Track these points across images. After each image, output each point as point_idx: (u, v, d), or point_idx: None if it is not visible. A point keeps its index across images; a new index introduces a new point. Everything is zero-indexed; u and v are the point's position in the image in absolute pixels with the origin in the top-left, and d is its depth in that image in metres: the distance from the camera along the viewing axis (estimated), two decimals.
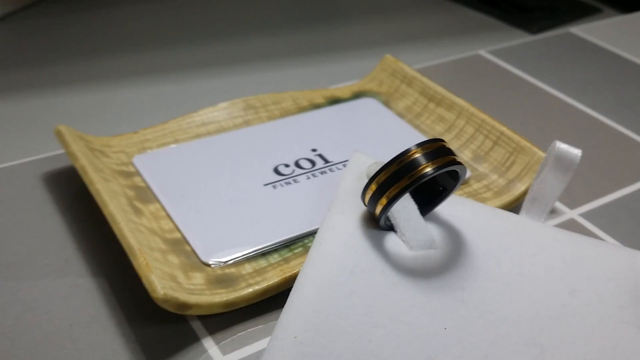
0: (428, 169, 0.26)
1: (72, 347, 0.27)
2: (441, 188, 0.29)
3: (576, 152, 0.32)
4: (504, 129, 0.37)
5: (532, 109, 0.46)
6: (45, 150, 0.39)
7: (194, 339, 0.28)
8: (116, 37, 0.51)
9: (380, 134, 0.39)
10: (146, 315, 0.29)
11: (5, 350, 0.27)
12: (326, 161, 0.37)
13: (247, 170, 0.36)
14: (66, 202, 0.35)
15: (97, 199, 0.31)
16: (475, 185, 0.36)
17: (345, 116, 0.41)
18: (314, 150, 0.38)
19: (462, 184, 0.36)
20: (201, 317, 0.29)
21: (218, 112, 0.40)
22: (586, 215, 0.36)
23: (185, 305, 0.26)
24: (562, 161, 0.32)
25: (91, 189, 0.31)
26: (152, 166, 0.35)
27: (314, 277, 0.26)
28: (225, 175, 0.35)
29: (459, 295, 0.27)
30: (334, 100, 0.43)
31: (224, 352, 0.27)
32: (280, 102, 0.42)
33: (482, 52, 0.53)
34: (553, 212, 0.36)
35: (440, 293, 0.27)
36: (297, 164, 0.36)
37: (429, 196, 0.30)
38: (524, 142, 0.36)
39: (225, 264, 0.30)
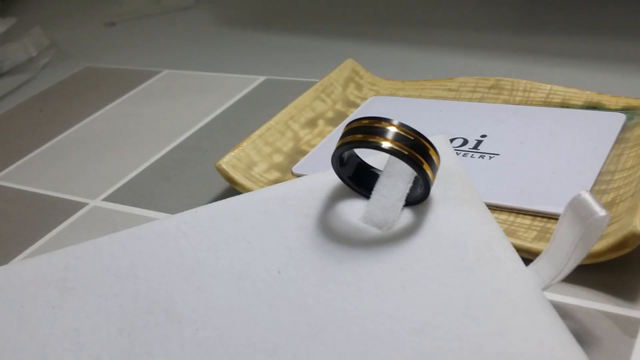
0: (384, 143, 0.25)
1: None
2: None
3: (597, 209, 0.23)
4: None
5: None
6: None
7: None
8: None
9: (564, 150, 0.34)
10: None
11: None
12: (475, 147, 0.36)
13: None
14: None
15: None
16: (538, 223, 0.29)
17: (564, 122, 0.36)
18: (483, 135, 0.37)
19: (527, 214, 0.30)
20: None
21: (467, 84, 0.42)
22: None
23: (231, 180, 0.36)
24: (577, 214, 0.24)
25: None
26: (371, 105, 0.43)
27: (252, 194, 0.30)
28: None
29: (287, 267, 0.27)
30: (592, 107, 0.37)
31: None
32: (532, 91, 0.40)
33: None
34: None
35: (293, 265, 0.27)
36: (450, 140, 0.37)
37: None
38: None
39: (297, 176, 0.37)
